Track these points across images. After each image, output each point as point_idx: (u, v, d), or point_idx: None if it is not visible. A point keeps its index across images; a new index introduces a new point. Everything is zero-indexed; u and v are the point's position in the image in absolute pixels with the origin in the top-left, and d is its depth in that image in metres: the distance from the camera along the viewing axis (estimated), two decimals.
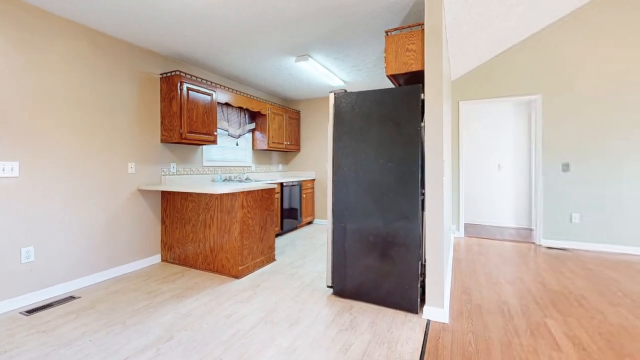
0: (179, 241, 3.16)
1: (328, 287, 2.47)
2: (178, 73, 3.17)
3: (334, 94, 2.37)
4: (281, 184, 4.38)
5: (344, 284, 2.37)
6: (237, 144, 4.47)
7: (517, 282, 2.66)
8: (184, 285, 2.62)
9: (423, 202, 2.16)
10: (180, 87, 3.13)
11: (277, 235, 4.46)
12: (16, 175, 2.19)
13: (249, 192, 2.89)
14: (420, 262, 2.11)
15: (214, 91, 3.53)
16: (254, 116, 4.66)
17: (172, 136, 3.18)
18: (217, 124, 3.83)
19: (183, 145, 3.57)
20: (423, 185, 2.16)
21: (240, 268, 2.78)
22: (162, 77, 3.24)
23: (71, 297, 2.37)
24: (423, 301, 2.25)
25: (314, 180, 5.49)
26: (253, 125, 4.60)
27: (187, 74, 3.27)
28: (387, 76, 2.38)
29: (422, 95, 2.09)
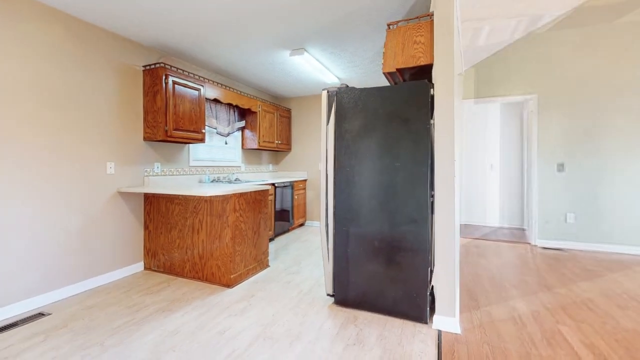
0: (164, 248, 2.91)
1: (328, 295, 2.30)
2: (163, 65, 2.91)
3: (335, 89, 2.21)
4: (274, 184, 4.18)
5: (347, 292, 2.21)
6: (226, 143, 4.23)
7: (523, 286, 2.59)
8: (170, 297, 2.38)
9: (432, 204, 2.03)
10: (165, 80, 2.88)
11: (270, 240, 4.25)
12: None
13: (241, 194, 2.68)
14: (429, 269, 1.98)
15: (202, 86, 3.29)
16: (243, 114, 4.43)
17: (156, 134, 2.92)
18: (206, 121, 3.59)
19: (168, 144, 3.31)
20: (432, 187, 2.03)
21: (232, 276, 2.57)
22: (145, 70, 2.98)
23: (40, 314, 2.09)
24: (432, 310, 2.12)
25: (305, 180, 5.30)
26: (243, 123, 4.36)
27: (173, 67, 3.01)
28: (384, 74, 2.24)
29: (431, 90, 1.96)
